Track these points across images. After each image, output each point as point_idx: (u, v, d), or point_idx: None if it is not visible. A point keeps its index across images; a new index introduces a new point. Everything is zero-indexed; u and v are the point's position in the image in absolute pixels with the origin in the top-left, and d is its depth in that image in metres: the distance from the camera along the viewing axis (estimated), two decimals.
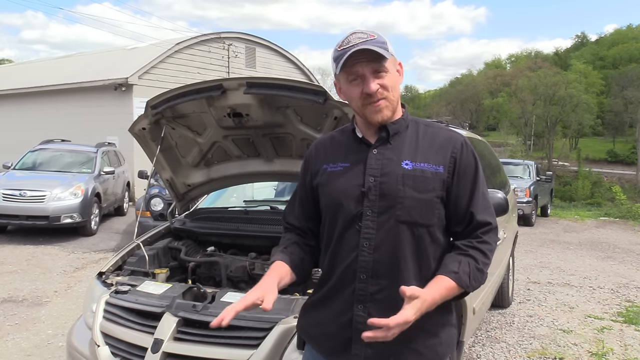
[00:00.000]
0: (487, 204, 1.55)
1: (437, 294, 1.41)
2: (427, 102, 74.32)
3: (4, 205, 8.41)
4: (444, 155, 1.51)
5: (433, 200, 1.49)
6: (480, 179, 1.55)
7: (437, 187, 1.49)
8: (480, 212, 1.51)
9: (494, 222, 1.54)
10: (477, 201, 1.52)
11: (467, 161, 1.53)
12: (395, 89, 1.51)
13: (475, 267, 1.46)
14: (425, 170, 1.49)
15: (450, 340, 1.56)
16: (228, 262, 3.09)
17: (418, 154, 1.51)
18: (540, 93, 46.68)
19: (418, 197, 1.47)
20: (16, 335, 4.43)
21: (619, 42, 68.79)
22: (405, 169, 1.49)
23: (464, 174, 1.52)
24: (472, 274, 1.45)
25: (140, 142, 3.28)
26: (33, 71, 20.25)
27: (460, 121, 44.36)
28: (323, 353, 1.59)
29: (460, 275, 1.44)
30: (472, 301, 3.14)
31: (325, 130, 2.88)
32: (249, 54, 18.37)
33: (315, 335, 1.61)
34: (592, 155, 50.47)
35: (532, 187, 12.28)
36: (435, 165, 1.50)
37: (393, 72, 1.51)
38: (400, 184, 1.47)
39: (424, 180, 1.48)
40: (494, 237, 1.53)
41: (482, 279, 1.49)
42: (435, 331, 1.51)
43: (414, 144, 1.53)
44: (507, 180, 5.64)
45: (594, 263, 8.07)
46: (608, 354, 4.26)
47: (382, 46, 1.47)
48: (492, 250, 1.52)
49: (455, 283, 1.43)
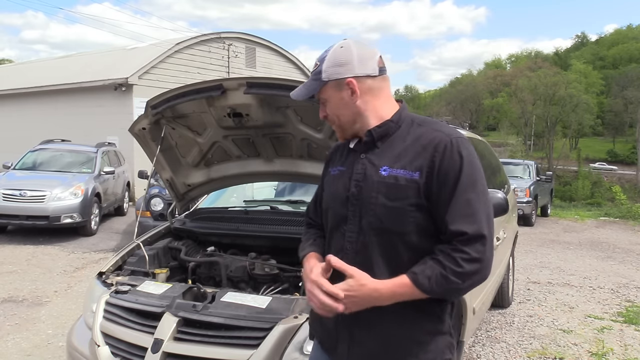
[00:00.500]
0: (469, 212, 1.41)
1: (382, 285, 1.41)
2: (427, 102, 74.32)
3: (4, 205, 8.41)
4: (424, 158, 1.45)
5: (405, 208, 1.44)
6: (464, 183, 1.43)
7: (410, 195, 1.44)
8: (456, 220, 1.41)
9: (473, 231, 1.39)
10: (454, 208, 1.41)
11: (450, 164, 1.43)
12: (341, 113, 1.55)
13: (440, 273, 1.39)
14: (400, 177, 1.45)
15: (438, 348, 1.50)
16: (228, 262, 3.09)
17: (400, 158, 1.48)
18: (540, 93, 46.71)
19: (389, 205, 1.45)
20: (16, 335, 4.43)
21: (619, 42, 68.83)
22: (382, 175, 1.48)
23: (444, 179, 1.43)
24: (434, 278, 1.39)
25: (140, 142, 3.28)
26: (33, 71, 20.25)
27: (460, 121, 44.32)
28: (323, 348, 1.66)
29: (418, 276, 1.40)
30: (472, 301, 3.14)
31: (325, 130, 2.88)
32: (249, 54, 18.38)
33: (317, 330, 1.68)
34: (592, 156, 50.48)
35: (532, 187, 12.28)
36: (411, 170, 1.45)
37: (335, 96, 1.54)
38: (375, 191, 1.48)
39: (396, 188, 1.45)
40: (477, 246, 1.40)
41: (447, 286, 1.39)
42: (420, 339, 1.49)
43: (400, 147, 1.50)
44: (507, 180, 5.64)
45: (594, 263, 8.07)
46: (608, 354, 4.26)
47: (316, 77, 1.54)
48: (472, 260, 1.39)
49: (411, 282, 1.40)
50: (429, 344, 1.49)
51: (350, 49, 1.53)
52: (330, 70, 1.52)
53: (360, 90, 1.52)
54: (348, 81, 1.51)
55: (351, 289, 1.41)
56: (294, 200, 3.98)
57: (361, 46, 1.55)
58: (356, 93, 1.52)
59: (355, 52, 1.52)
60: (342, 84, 1.52)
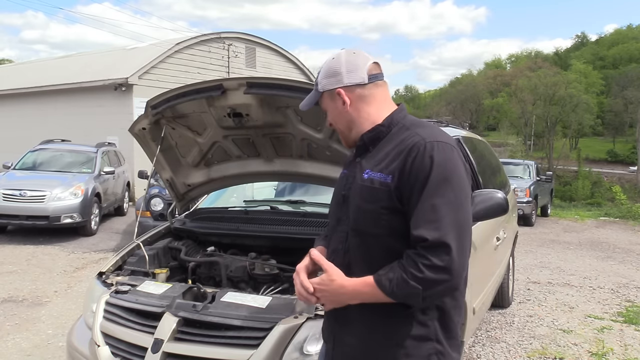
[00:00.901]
0: (434, 217, 1.38)
1: (349, 283, 1.46)
2: (427, 102, 74.33)
3: (4, 205, 8.41)
4: (399, 162, 1.46)
5: (378, 210, 1.46)
6: (431, 188, 1.40)
7: (383, 198, 1.45)
8: (419, 225, 1.39)
9: (434, 238, 1.36)
10: (418, 214, 1.40)
11: (419, 168, 1.42)
12: (338, 121, 1.63)
13: (401, 276, 1.38)
14: (375, 180, 1.48)
15: (421, 354, 1.49)
16: (228, 262, 3.09)
17: (381, 162, 1.51)
18: (540, 93, 46.69)
19: (364, 207, 1.50)
20: (16, 335, 4.43)
21: (619, 42, 68.83)
22: (363, 178, 1.52)
23: (414, 183, 1.42)
24: (395, 281, 1.39)
25: (140, 142, 3.28)
26: (33, 71, 20.25)
27: (460, 121, 44.30)
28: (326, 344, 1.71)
29: (381, 278, 1.42)
30: (472, 301, 3.14)
31: (325, 130, 2.88)
32: (249, 54, 18.38)
33: (323, 328, 1.74)
34: (592, 155, 50.48)
35: (532, 187, 12.28)
36: (386, 174, 1.47)
37: (332, 105, 1.62)
38: (357, 194, 1.53)
39: (370, 191, 1.49)
40: (440, 255, 1.36)
41: (406, 290, 1.38)
42: (403, 344, 1.48)
43: (385, 151, 1.53)
44: (507, 180, 5.64)
45: (594, 263, 8.07)
46: (608, 354, 4.27)
47: (315, 89, 1.64)
48: (435, 267, 1.36)
49: (375, 283, 1.42)
50: (410, 348, 1.48)
51: (340, 59, 1.59)
52: (323, 81, 1.61)
53: (351, 99, 1.58)
54: (337, 91, 1.59)
55: (322, 283, 1.49)
56: (294, 200, 3.97)
57: (352, 55, 1.60)
58: (346, 102, 1.58)
59: (344, 62, 1.58)
60: (333, 94, 1.60)
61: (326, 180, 3.19)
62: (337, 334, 1.59)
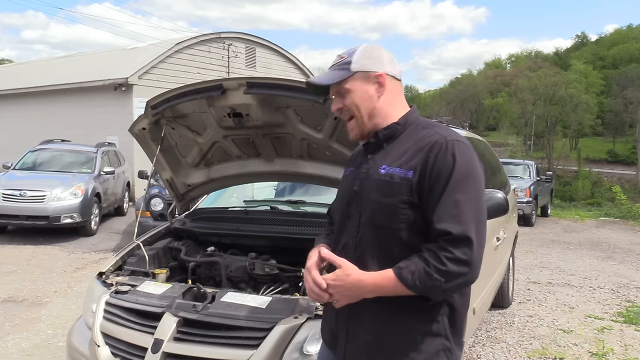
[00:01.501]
0: (457, 212, 1.43)
1: (368, 277, 1.46)
2: (427, 102, 74.23)
3: (4, 205, 8.41)
4: (420, 158, 1.49)
5: (397, 205, 1.49)
6: (454, 184, 1.45)
7: (403, 192, 1.48)
8: (443, 220, 1.43)
9: (457, 232, 1.41)
10: (441, 208, 1.44)
11: (442, 164, 1.46)
12: (363, 106, 1.58)
13: (423, 269, 1.41)
14: (395, 175, 1.51)
15: (430, 350, 1.51)
16: (228, 262, 3.09)
17: (399, 158, 1.54)
18: (540, 93, 46.65)
19: (383, 201, 1.51)
20: (16, 335, 4.43)
21: (619, 42, 68.76)
22: (380, 173, 1.54)
23: (436, 179, 1.46)
24: (417, 274, 1.41)
25: (140, 142, 3.28)
26: (33, 71, 20.26)
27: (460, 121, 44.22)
28: (327, 346, 1.72)
29: (402, 271, 1.43)
30: (472, 301, 3.13)
31: (325, 130, 2.88)
32: (249, 54, 18.37)
33: (324, 330, 1.75)
34: (592, 155, 50.45)
35: (532, 187, 12.28)
36: (406, 169, 1.50)
37: (360, 89, 1.58)
38: (374, 188, 1.54)
39: (390, 185, 1.50)
40: (463, 248, 1.41)
41: (429, 282, 1.41)
42: (414, 339, 1.50)
43: (402, 148, 1.56)
44: (507, 180, 5.64)
45: (594, 263, 8.07)
46: (608, 354, 4.26)
47: (344, 67, 1.58)
48: (457, 261, 1.40)
49: (395, 276, 1.43)
50: (421, 344, 1.51)
51: (380, 49, 1.63)
52: (361, 61, 1.58)
53: (386, 87, 1.59)
54: (379, 74, 1.58)
55: (337, 278, 1.48)
56: (294, 200, 3.97)
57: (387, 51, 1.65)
58: (383, 88, 1.59)
59: (385, 53, 1.63)
60: (371, 76, 1.58)
61: (326, 180, 3.19)
62: (350, 329, 1.58)
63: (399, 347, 1.51)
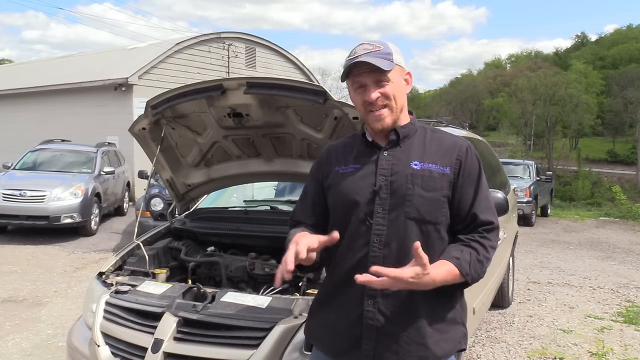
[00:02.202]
0: (489, 205, 1.63)
1: (438, 274, 1.45)
2: (427, 102, 74.15)
3: (4, 205, 8.41)
4: (450, 157, 1.60)
5: (440, 199, 1.56)
6: (483, 181, 1.64)
7: (444, 187, 1.57)
8: (483, 212, 1.59)
9: (496, 222, 1.61)
10: (479, 202, 1.59)
11: (472, 164, 1.62)
12: (399, 97, 1.60)
13: (476, 258, 1.52)
14: (433, 170, 1.57)
15: (456, 337, 1.60)
16: (228, 262, 3.09)
17: (426, 155, 1.60)
18: (540, 93, 46.61)
19: (426, 195, 1.55)
20: (16, 335, 4.43)
21: (619, 42, 68.73)
22: (414, 168, 1.57)
23: (468, 176, 1.60)
24: (472, 263, 1.51)
25: (140, 142, 3.28)
26: (33, 71, 20.26)
27: (460, 121, 44.25)
28: (331, 354, 1.62)
29: (461, 262, 1.49)
30: (472, 301, 3.13)
31: (325, 130, 2.88)
32: (249, 54, 18.37)
33: (322, 336, 1.66)
34: (592, 155, 50.42)
35: (532, 187, 12.28)
36: (442, 166, 1.58)
37: (398, 81, 1.60)
38: (410, 182, 1.55)
39: (431, 180, 1.56)
40: (496, 236, 1.60)
41: (481, 270, 1.54)
42: (442, 328, 1.57)
43: (422, 146, 1.62)
44: (507, 180, 5.64)
45: (594, 263, 8.07)
46: (608, 354, 4.27)
47: (386, 57, 1.56)
48: (494, 247, 1.58)
49: (457, 268, 1.48)
50: (447, 332, 1.58)
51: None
52: (397, 56, 1.61)
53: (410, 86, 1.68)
54: (408, 73, 1.66)
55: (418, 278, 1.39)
56: (294, 200, 3.97)
57: None
58: (409, 86, 1.67)
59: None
60: (403, 72, 1.65)
61: None
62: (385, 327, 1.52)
63: (432, 337, 1.54)
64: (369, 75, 1.56)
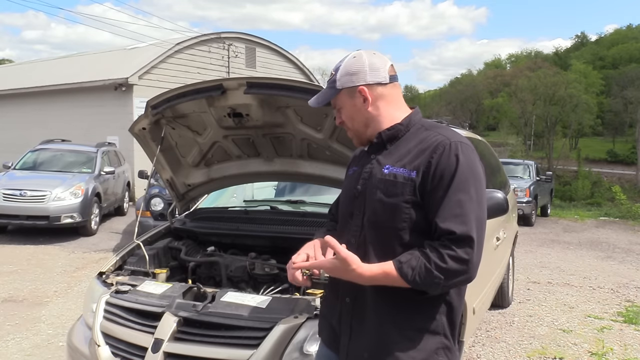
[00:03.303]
0: (460, 212, 1.45)
1: (368, 271, 1.47)
2: (427, 102, 74.08)
3: (4, 205, 8.41)
4: (423, 159, 1.52)
5: (400, 204, 1.51)
6: (457, 184, 1.47)
7: (406, 192, 1.51)
8: (446, 219, 1.45)
9: (461, 231, 1.43)
10: (445, 208, 1.46)
11: (445, 166, 1.48)
12: (354, 119, 1.64)
13: (424, 265, 1.43)
14: (398, 174, 1.53)
15: (431, 348, 1.53)
16: (228, 262, 3.09)
17: (402, 158, 1.56)
18: (540, 93, 46.59)
19: (386, 200, 1.53)
20: (16, 335, 4.43)
21: (619, 42, 68.71)
22: (383, 173, 1.56)
23: (439, 179, 1.48)
24: (418, 269, 1.43)
25: (140, 142, 3.28)
26: (33, 71, 20.26)
27: (460, 121, 44.21)
28: (324, 343, 1.75)
29: (402, 266, 1.45)
30: (472, 301, 3.14)
31: (325, 130, 2.88)
32: (249, 54, 18.38)
33: (320, 326, 1.79)
34: (592, 155, 50.42)
35: (532, 187, 12.28)
36: (410, 169, 1.52)
37: (347, 104, 1.63)
38: (375, 187, 1.56)
39: (393, 185, 1.53)
40: (465, 248, 1.43)
41: (429, 279, 1.43)
42: (413, 337, 1.52)
43: (406, 148, 1.58)
44: (507, 180, 5.64)
45: (594, 263, 8.07)
46: (608, 353, 4.27)
47: (331, 86, 1.63)
48: (459, 259, 1.42)
49: (396, 271, 1.45)
50: (419, 342, 1.52)
51: (362, 58, 1.62)
52: (343, 79, 1.61)
53: (372, 97, 1.61)
54: (360, 89, 1.60)
55: (336, 269, 1.49)
56: (294, 200, 3.98)
57: (372, 56, 1.64)
58: (368, 100, 1.61)
59: (367, 61, 1.61)
60: (354, 91, 1.61)
61: (326, 180, 3.20)
62: (354, 326, 1.60)
63: (399, 344, 1.52)
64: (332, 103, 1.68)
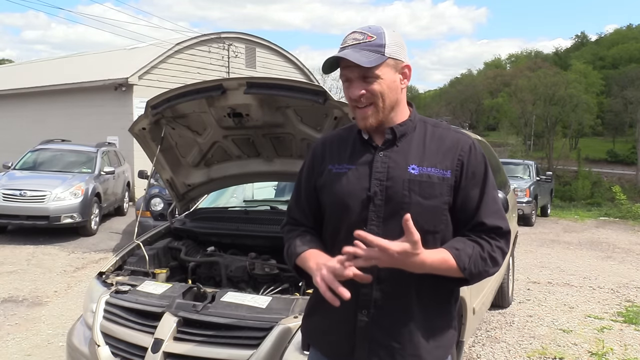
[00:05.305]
0: (497, 208, 1.49)
1: (429, 258, 1.35)
2: (427, 102, 74.09)
3: (4, 205, 8.41)
4: (452, 158, 1.46)
5: (440, 206, 1.44)
6: (490, 182, 1.50)
7: (444, 193, 1.45)
8: (490, 216, 1.46)
9: (505, 226, 1.48)
10: (486, 206, 1.47)
11: (476, 164, 1.48)
12: (388, 95, 1.45)
13: (479, 253, 1.41)
14: (432, 175, 1.44)
15: (449, 343, 1.55)
16: (228, 262, 3.09)
17: (425, 157, 1.47)
18: (540, 93, 46.61)
19: (424, 203, 1.43)
20: (16, 335, 4.43)
21: (619, 42, 68.71)
22: (412, 173, 1.44)
23: (472, 178, 1.47)
24: (473, 258, 1.40)
25: (140, 142, 3.28)
26: (33, 71, 20.26)
27: (460, 121, 44.22)
28: (327, 356, 1.58)
29: (460, 253, 1.39)
30: (472, 301, 3.14)
31: (325, 130, 2.88)
32: (249, 54, 18.37)
33: (319, 340, 1.61)
34: (592, 155, 50.42)
35: (532, 187, 12.28)
36: (442, 169, 1.45)
37: (389, 76, 1.44)
38: (406, 189, 1.43)
39: (430, 186, 1.44)
40: (506, 240, 1.48)
41: (483, 268, 1.42)
42: (436, 336, 1.50)
43: (422, 146, 1.49)
44: (507, 180, 5.64)
45: (594, 263, 8.07)
46: (608, 353, 4.27)
47: (376, 50, 1.42)
48: (503, 250, 1.46)
49: (454, 259, 1.38)
50: (442, 339, 1.52)
51: (402, 39, 1.49)
52: (393, 47, 1.44)
53: (409, 80, 1.52)
54: (406, 65, 1.49)
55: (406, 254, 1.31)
56: None
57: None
58: (407, 80, 1.51)
59: (404, 44, 1.50)
60: (399, 66, 1.48)
61: None
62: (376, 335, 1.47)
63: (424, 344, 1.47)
64: (354, 70, 1.42)
